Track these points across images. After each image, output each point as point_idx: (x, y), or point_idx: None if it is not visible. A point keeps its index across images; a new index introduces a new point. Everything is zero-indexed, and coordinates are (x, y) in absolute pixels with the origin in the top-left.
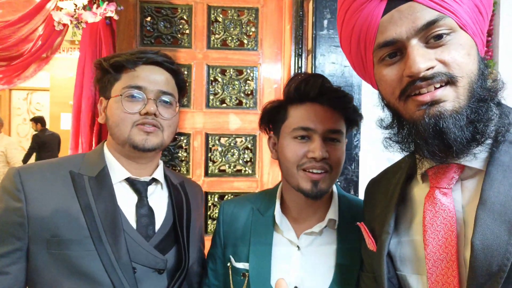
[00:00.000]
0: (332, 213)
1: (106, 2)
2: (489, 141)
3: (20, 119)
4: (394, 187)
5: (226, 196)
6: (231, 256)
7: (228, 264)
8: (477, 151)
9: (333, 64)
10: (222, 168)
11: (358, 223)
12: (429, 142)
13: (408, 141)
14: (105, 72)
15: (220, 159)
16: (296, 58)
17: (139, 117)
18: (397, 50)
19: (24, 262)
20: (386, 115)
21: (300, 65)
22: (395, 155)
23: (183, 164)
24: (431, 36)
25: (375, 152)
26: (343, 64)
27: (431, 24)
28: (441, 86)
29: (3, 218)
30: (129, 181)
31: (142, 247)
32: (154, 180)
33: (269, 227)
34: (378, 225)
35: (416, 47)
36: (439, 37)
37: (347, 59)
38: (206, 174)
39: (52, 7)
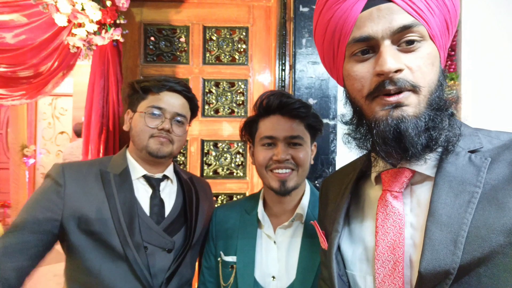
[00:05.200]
0: (300, 209)
1: (113, 28)
2: (439, 149)
3: (45, 123)
4: (346, 186)
5: (220, 196)
6: (221, 252)
7: (219, 259)
8: (429, 157)
9: (311, 78)
10: (216, 171)
11: (312, 221)
12: (387, 143)
13: (366, 139)
14: (135, 91)
15: (214, 163)
16: (280, 72)
17: (156, 131)
18: (370, 48)
19: (55, 230)
20: (347, 111)
21: (283, 79)
22: None
23: (181, 167)
24: (403, 40)
25: (351, 156)
26: (320, 78)
27: (406, 28)
28: (405, 91)
29: (46, 194)
30: (146, 177)
31: (153, 230)
32: (165, 177)
33: (254, 224)
34: (329, 224)
35: (389, 47)
36: (411, 42)
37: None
38: (202, 176)
39: (67, 33)
